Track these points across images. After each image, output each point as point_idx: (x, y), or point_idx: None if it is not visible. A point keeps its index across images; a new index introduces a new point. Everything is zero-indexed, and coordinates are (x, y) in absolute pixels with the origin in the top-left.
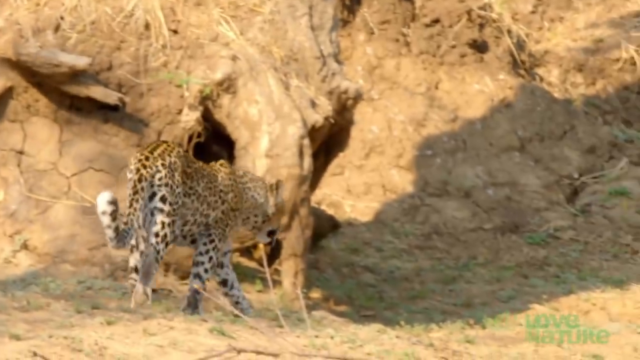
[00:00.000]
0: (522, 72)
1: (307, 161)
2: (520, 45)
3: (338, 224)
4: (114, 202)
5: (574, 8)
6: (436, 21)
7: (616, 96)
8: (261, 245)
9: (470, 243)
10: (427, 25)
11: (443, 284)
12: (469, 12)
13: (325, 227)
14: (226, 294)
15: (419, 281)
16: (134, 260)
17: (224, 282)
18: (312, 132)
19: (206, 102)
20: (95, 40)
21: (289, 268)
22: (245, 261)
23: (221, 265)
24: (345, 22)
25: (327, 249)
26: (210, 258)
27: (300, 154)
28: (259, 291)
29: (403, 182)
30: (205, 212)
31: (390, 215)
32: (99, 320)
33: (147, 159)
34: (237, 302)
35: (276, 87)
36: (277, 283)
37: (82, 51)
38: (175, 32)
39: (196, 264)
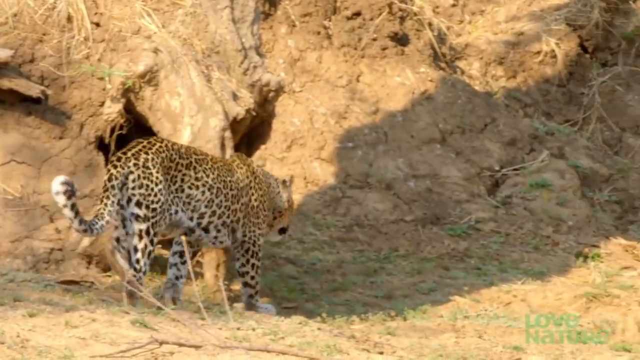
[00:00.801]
0: (443, 65)
1: (229, 153)
2: (441, 38)
3: None
4: (67, 183)
5: (494, 1)
6: (357, 14)
7: (537, 89)
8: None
9: (391, 235)
10: (349, 18)
11: (364, 276)
12: (390, 5)
13: None
14: (175, 265)
15: (340, 273)
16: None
17: (180, 254)
18: (234, 124)
19: (128, 95)
20: (18, 33)
21: (210, 260)
22: (166, 253)
23: (190, 243)
24: (266, 15)
25: None
26: (253, 265)
27: (222, 146)
28: None
29: (324, 174)
30: (224, 204)
31: (311, 207)
32: (21, 313)
33: (118, 159)
34: (177, 278)
35: (198, 79)
36: (199, 275)
37: (4, 43)
38: (97, 24)
39: (242, 274)
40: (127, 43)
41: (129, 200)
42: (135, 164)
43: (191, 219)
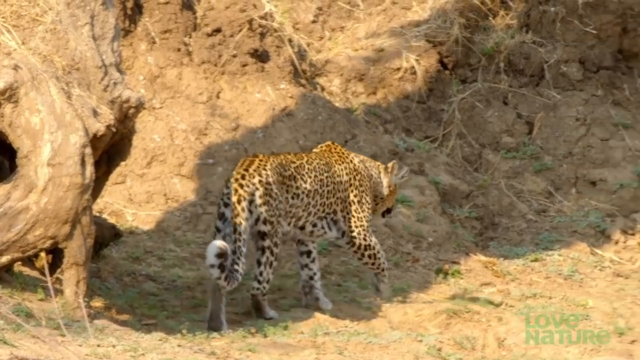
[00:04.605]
0: (303, 81)
1: (89, 170)
2: (301, 54)
3: (120, 232)
4: (222, 254)
5: (355, 18)
6: (217, 31)
7: (397, 105)
8: (43, 254)
9: (251, 252)
10: (209, 35)
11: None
12: (250, 22)
13: (106, 235)
14: (306, 265)
15: (200, 290)
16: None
17: (307, 253)
18: (94, 140)
19: None
20: None
21: (70, 277)
22: (27, 270)
23: (312, 240)
24: (126, 32)
25: (108, 257)
26: (370, 255)
27: (82, 162)
28: (41, 300)
29: (185, 190)
30: (319, 201)
31: (172, 224)
32: None
33: (243, 177)
34: (311, 277)
35: (58, 96)
36: (59, 292)
37: None
38: None
39: (366, 264)
40: None
41: (257, 219)
42: (260, 181)
43: (288, 224)
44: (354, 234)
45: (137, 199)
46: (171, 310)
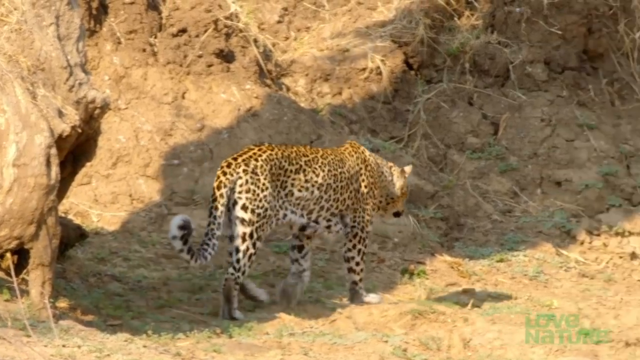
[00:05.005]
0: (268, 81)
1: (55, 170)
2: (266, 55)
3: (85, 233)
4: (185, 227)
5: (320, 18)
6: (183, 31)
7: (362, 106)
8: (8, 255)
9: (217, 252)
10: (174, 35)
11: (190, 293)
12: (215, 22)
13: (72, 236)
14: (296, 260)
15: (166, 290)
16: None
17: (299, 248)
18: (60, 141)
19: None
20: None
21: (36, 277)
22: None
23: (307, 236)
24: (92, 32)
25: (74, 258)
26: (359, 250)
27: (48, 163)
28: (7, 300)
29: (150, 191)
30: (333, 197)
31: (137, 225)
32: None
33: (228, 165)
34: (301, 272)
35: (23, 96)
36: (24, 293)
37: None
38: None
39: (347, 259)
40: None
41: (235, 203)
42: (244, 170)
43: (302, 216)
44: (355, 223)
45: (103, 200)
46: (136, 310)
